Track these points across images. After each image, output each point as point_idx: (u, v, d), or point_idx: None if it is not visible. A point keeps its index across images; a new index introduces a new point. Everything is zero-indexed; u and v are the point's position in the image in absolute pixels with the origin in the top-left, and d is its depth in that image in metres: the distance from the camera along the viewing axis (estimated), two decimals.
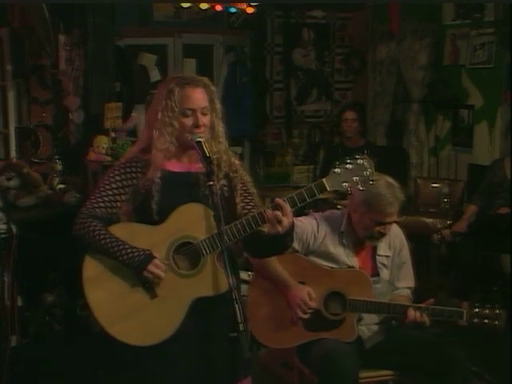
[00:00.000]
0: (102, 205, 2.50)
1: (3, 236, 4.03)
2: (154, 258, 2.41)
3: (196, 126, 2.47)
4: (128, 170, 2.52)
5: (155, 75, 6.15)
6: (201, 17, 6.52)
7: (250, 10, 6.44)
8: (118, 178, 2.52)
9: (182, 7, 6.20)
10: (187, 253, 2.47)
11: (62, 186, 4.94)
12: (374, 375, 3.27)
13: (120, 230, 2.48)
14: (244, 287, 3.53)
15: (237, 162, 2.61)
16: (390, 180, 3.21)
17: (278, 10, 7.02)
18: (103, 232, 2.45)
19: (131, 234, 2.47)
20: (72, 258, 2.55)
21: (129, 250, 2.42)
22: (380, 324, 3.30)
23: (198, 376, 2.50)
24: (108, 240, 2.43)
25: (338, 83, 7.41)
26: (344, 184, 2.43)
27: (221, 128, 2.56)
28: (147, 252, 2.42)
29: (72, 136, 5.42)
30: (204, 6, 6.13)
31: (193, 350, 2.48)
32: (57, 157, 5.13)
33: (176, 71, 6.23)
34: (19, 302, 4.40)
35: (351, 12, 7.24)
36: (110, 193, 2.51)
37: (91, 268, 2.48)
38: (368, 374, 3.24)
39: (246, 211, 2.53)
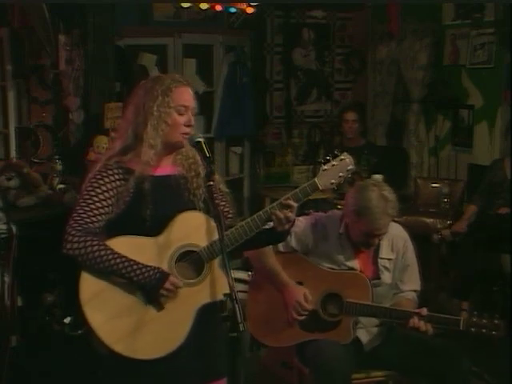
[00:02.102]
0: (93, 219, 2.40)
1: (3, 236, 4.03)
2: (169, 274, 2.39)
3: (188, 124, 2.47)
4: (112, 177, 2.43)
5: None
6: (201, 17, 6.51)
7: (249, 10, 6.43)
8: (103, 187, 2.42)
9: (182, 7, 6.19)
10: (190, 261, 2.45)
11: (61, 185, 4.94)
12: (373, 375, 3.28)
13: (119, 245, 2.40)
14: (244, 287, 3.54)
15: None
16: (386, 193, 3.14)
17: (278, 9, 7.01)
18: (109, 251, 2.36)
19: (132, 248, 2.40)
20: (72, 258, 2.53)
21: (143, 270, 2.36)
22: (379, 327, 3.30)
23: (195, 375, 2.51)
24: (118, 260, 2.36)
25: (337, 83, 7.40)
26: (331, 181, 2.50)
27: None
28: (160, 270, 2.38)
29: (72, 136, 5.41)
30: (204, 5, 6.12)
31: (191, 351, 2.48)
32: (57, 157, 5.13)
33: (176, 71, 6.22)
34: (19, 302, 4.40)
35: (351, 12, 7.24)
36: (98, 204, 2.41)
37: (90, 287, 2.40)
38: (368, 374, 3.25)
39: (225, 213, 2.58)
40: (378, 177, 5.06)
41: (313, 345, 3.16)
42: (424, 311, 3.09)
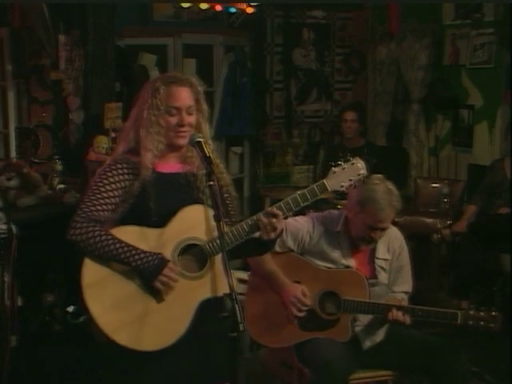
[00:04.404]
0: (99, 208, 2.43)
1: (3, 236, 4.02)
2: (168, 261, 2.39)
3: (180, 125, 2.46)
4: (120, 171, 2.46)
5: (155, 75, 6.14)
6: (201, 17, 6.52)
7: (249, 10, 6.44)
8: (111, 179, 2.45)
9: (182, 7, 6.20)
10: (193, 255, 2.45)
11: (62, 185, 4.94)
12: (373, 375, 3.28)
13: (123, 234, 2.42)
14: (244, 287, 3.54)
15: (221, 164, 2.62)
16: (391, 187, 3.19)
17: (278, 10, 7.02)
18: (110, 237, 2.39)
19: (135, 237, 2.42)
20: (72, 258, 2.52)
21: (142, 255, 2.37)
22: (377, 324, 3.30)
23: (196, 375, 2.51)
24: (118, 245, 2.38)
25: (337, 83, 7.40)
26: (342, 184, 2.51)
27: (208, 129, 2.57)
28: (160, 256, 2.39)
29: (72, 136, 5.41)
30: (204, 5, 6.13)
31: (192, 350, 2.48)
32: (57, 157, 5.13)
33: (176, 71, 6.22)
34: (19, 302, 4.39)
35: (351, 12, 7.24)
36: (105, 195, 2.43)
37: (92, 274, 2.41)
38: (368, 374, 3.25)
39: (229, 215, 2.58)
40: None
41: (311, 344, 3.17)
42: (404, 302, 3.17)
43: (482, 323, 3.07)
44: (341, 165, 2.52)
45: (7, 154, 5.30)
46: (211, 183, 2.37)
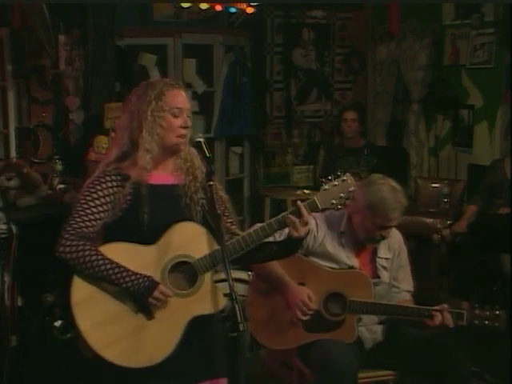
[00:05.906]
0: (88, 223, 2.42)
1: (3, 236, 4.02)
2: (158, 283, 2.39)
3: (184, 126, 2.47)
4: (109, 184, 2.44)
5: (155, 75, 6.14)
6: (201, 17, 6.52)
7: (249, 10, 6.44)
8: (100, 193, 2.43)
9: (182, 7, 6.20)
10: (183, 272, 2.45)
11: (62, 185, 4.94)
12: (373, 375, 3.28)
13: (112, 251, 2.41)
14: (244, 287, 3.54)
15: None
16: (394, 184, 3.19)
17: (278, 10, 7.02)
18: (100, 257, 2.38)
19: (125, 255, 2.41)
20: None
21: (132, 277, 2.37)
22: (380, 324, 3.30)
23: (195, 376, 2.51)
24: (108, 266, 2.37)
25: (337, 83, 7.40)
26: (332, 201, 2.52)
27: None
28: (150, 278, 2.39)
29: (72, 136, 5.42)
30: (204, 5, 6.13)
31: (191, 356, 2.48)
32: (57, 157, 5.13)
33: (176, 71, 6.24)
34: (19, 302, 4.39)
35: (351, 12, 7.25)
36: (94, 210, 2.42)
37: (81, 290, 2.40)
38: (368, 374, 3.25)
39: (228, 224, 2.58)
40: None
41: (319, 346, 3.15)
42: (446, 307, 3.10)
43: (486, 322, 3.08)
44: (331, 181, 2.53)
45: (7, 154, 5.30)
46: (211, 183, 2.37)
